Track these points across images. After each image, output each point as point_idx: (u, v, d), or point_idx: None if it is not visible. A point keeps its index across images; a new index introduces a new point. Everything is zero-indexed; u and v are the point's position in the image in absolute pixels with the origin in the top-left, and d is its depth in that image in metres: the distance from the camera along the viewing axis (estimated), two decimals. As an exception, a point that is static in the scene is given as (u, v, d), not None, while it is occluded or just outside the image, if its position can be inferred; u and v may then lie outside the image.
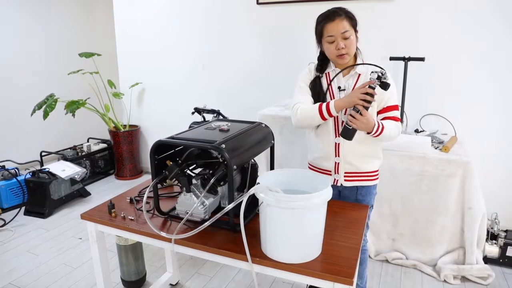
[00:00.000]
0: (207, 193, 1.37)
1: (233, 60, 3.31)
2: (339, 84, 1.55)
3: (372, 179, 1.63)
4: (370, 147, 1.58)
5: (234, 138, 1.32)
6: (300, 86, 1.60)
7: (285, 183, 1.30)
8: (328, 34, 1.47)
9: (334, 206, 1.52)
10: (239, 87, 3.34)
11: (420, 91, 2.65)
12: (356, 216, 1.46)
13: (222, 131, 1.42)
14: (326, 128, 1.58)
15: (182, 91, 3.64)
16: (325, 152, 1.60)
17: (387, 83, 1.38)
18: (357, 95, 1.40)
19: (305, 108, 1.54)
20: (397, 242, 2.36)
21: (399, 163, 2.23)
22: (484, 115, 2.53)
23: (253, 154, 1.40)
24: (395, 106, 1.54)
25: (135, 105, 3.95)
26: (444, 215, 2.19)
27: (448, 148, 2.19)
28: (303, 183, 1.29)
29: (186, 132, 1.44)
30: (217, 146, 1.21)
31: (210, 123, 1.56)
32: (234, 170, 1.25)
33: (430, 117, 2.67)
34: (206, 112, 3.01)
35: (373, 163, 1.62)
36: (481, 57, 2.47)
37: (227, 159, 1.20)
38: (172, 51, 3.58)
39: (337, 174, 1.61)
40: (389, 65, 2.62)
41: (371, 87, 1.39)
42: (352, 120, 1.41)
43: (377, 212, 2.35)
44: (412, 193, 2.24)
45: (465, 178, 2.10)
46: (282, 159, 2.51)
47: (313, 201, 1.08)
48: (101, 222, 1.48)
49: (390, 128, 1.49)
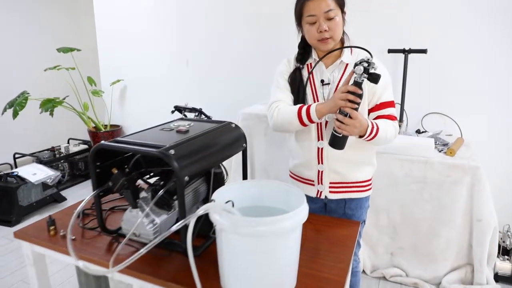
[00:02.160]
0: (159, 208, 1.12)
1: (218, 56, 3.06)
2: (322, 77, 1.29)
3: (363, 190, 1.36)
4: (361, 152, 1.32)
5: (189, 142, 1.07)
6: (277, 81, 1.35)
7: (254, 198, 1.05)
8: (309, 14, 1.21)
9: (317, 222, 1.27)
10: (225, 84, 3.09)
11: (422, 87, 2.39)
12: (343, 236, 1.20)
13: (179, 133, 1.16)
14: (307, 130, 1.32)
15: (166, 88, 3.39)
16: (306, 159, 1.35)
17: (376, 75, 1.10)
18: (340, 97, 1.13)
19: (284, 110, 1.28)
20: (396, 257, 2.10)
21: (398, 168, 1.97)
22: (494, 114, 2.26)
23: (216, 160, 1.14)
24: (391, 102, 1.27)
25: (117, 103, 3.70)
26: (449, 227, 1.93)
27: (454, 151, 1.93)
28: (275, 198, 1.03)
29: (136, 134, 1.19)
30: (163, 152, 0.96)
31: (169, 123, 1.30)
32: (190, 181, 1.00)
33: (433, 116, 2.40)
34: (188, 110, 2.78)
35: (365, 171, 1.36)
36: (490, 49, 2.21)
37: (175, 168, 0.95)
38: (156, 47, 3.33)
39: (321, 184, 1.34)
40: (387, 58, 2.37)
41: (357, 83, 1.12)
42: (340, 126, 1.14)
43: (374, 223, 2.09)
44: (413, 202, 1.98)
45: (474, 185, 1.84)
46: (267, 163, 2.25)
47: (282, 226, 0.82)
48: (36, 242, 1.23)
49: (386, 130, 1.23)
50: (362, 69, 1.10)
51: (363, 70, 1.10)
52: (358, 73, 1.10)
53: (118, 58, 3.56)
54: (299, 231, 0.90)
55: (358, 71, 1.10)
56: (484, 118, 2.29)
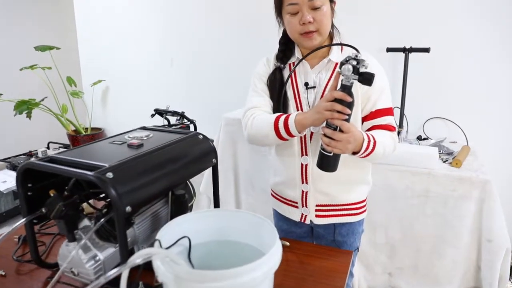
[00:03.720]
0: (103, 241, 0.90)
1: (204, 57, 2.85)
2: (306, 79, 1.08)
3: (356, 213, 1.15)
4: (353, 169, 1.11)
5: (138, 160, 0.85)
6: (254, 83, 1.14)
7: (219, 231, 0.84)
8: (290, 2, 1.00)
9: (301, 251, 1.06)
10: (210, 86, 2.88)
11: (423, 89, 2.18)
12: (331, 269, 0.99)
13: (130, 148, 0.95)
14: (288, 143, 1.11)
15: (151, 89, 3.18)
16: (288, 177, 1.14)
17: (369, 74, 0.87)
18: (325, 107, 0.90)
19: (259, 120, 1.07)
20: (394, 278, 1.89)
21: (398, 181, 1.76)
22: (504, 120, 2.06)
23: (174, 181, 0.93)
24: (388, 109, 1.06)
25: (98, 105, 3.48)
26: (455, 247, 1.72)
27: (460, 162, 1.72)
28: (245, 232, 0.82)
29: (80, 148, 0.98)
30: (98, 177, 0.74)
31: (124, 134, 1.09)
32: (134, 212, 0.79)
33: (436, 121, 2.20)
34: (170, 114, 2.57)
35: (358, 191, 1.15)
36: (501, 48, 2.00)
37: (112, 197, 0.73)
38: (139, 46, 3.12)
39: (305, 207, 1.13)
40: (386, 58, 2.16)
41: (345, 88, 0.89)
42: (330, 143, 0.91)
43: (370, 241, 1.88)
44: (414, 218, 1.78)
45: (483, 201, 1.63)
46: (253, 175, 2.04)
47: (243, 281, 0.61)
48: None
49: (384, 143, 1.01)
50: (351, 69, 0.87)
51: (352, 69, 0.87)
52: (346, 73, 0.88)
53: (100, 58, 3.35)
54: (269, 280, 0.69)
55: (345, 72, 0.87)
56: (492, 124, 2.08)
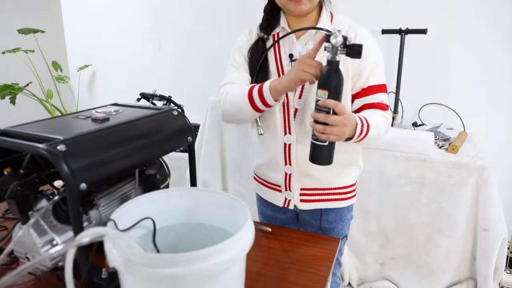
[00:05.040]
0: (62, 223, 0.82)
1: (193, 40, 2.74)
2: (291, 51, 0.98)
3: (344, 198, 1.07)
4: (342, 152, 1.02)
5: (99, 133, 0.76)
6: (233, 57, 1.04)
7: (188, 212, 0.76)
8: None
9: (284, 238, 0.98)
10: (198, 70, 2.77)
11: (420, 73, 2.09)
12: (316, 258, 0.91)
13: (95, 122, 0.86)
14: (270, 121, 1.02)
15: (139, 74, 3.07)
16: (270, 158, 1.05)
17: (357, 46, 0.77)
18: (302, 67, 0.82)
19: (233, 93, 0.97)
20: (387, 268, 1.83)
21: (392, 167, 1.69)
22: (503, 105, 1.97)
23: (141, 159, 0.84)
24: (381, 86, 0.96)
25: (85, 90, 3.37)
26: (450, 237, 1.66)
27: (456, 147, 1.64)
28: (217, 214, 0.74)
29: (39, 122, 0.89)
30: (48, 149, 0.65)
31: (93, 109, 1.00)
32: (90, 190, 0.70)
33: (432, 107, 2.11)
34: (157, 98, 2.47)
35: (348, 174, 1.06)
36: (501, 30, 1.91)
37: (62, 171, 0.65)
38: (126, 30, 3.00)
39: (289, 191, 1.05)
40: (381, 39, 2.06)
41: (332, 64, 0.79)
42: (324, 129, 0.79)
43: (362, 230, 1.81)
44: (408, 206, 1.70)
45: (480, 188, 1.56)
46: (241, 161, 1.96)
47: (205, 266, 0.52)
48: None
49: (378, 126, 0.92)
50: (341, 40, 0.76)
51: (342, 40, 0.76)
52: (336, 45, 0.77)
53: (86, 42, 3.23)
54: (238, 266, 0.61)
55: (335, 42, 0.76)
56: (491, 110, 2.00)
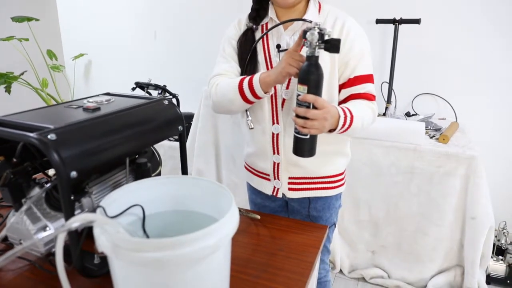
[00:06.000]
0: (55, 210, 0.84)
1: (188, 28, 2.73)
2: (279, 41, 1.00)
3: (332, 186, 1.09)
4: (329, 141, 1.04)
5: (90, 123, 0.78)
6: (223, 48, 1.05)
7: (175, 200, 0.78)
8: None
9: (273, 225, 1.01)
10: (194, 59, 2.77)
11: (413, 63, 2.10)
12: (303, 244, 0.94)
13: (86, 111, 0.88)
14: (259, 111, 1.03)
15: (134, 63, 3.06)
16: (259, 147, 1.07)
17: (336, 40, 0.79)
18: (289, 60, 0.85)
19: (223, 85, 0.99)
20: (377, 256, 1.87)
21: (383, 157, 1.71)
22: (493, 96, 1.99)
23: (132, 148, 0.86)
24: (368, 76, 0.98)
25: (81, 79, 3.37)
26: (439, 225, 1.69)
27: (447, 137, 1.66)
28: (203, 201, 0.76)
29: (31, 112, 0.90)
30: (38, 138, 0.67)
31: (84, 99, 1.01)
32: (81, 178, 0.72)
33: (425, 97, 2.13)
34: (153, 88, 2.48)
35: (335, 163, 1.08)
36: (492, 21, 1.91)
37: (53, 160, 0.66)
38: (122, 18, 2.98)
39: (277, 180, 1.07)
40: (375, 29, 2.07)
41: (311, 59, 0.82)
42: (305, 123, 0.83)
43: (353, 218, 1.84)
44: (398, 196, 1.73)
45: (469, 178, 1.59)
46: (234, 149, 1.98)
47: (188, 251, 0.55)
48: None
49: (363, 116, 0.94)
50: (317, 36, 0.79)
51: (318, 36, 0.79)
52: (313, 40, 0.79)
53: (82, 30, 3.21)
54: (223, 251, 0.63)
55: (311, 38, 0.79)
56: (482, 100, 2.02)
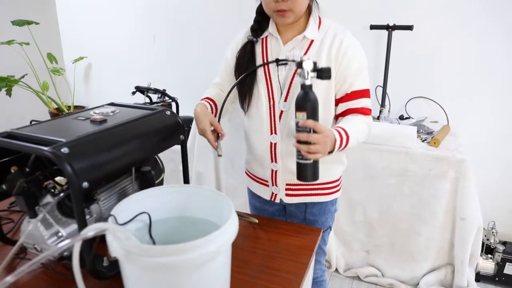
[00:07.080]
0: (66, 217, 0.90)
1: (188, 31, 2.78)
2: (278, 56, 1.04)
3: (328, 192, 1.14)
4: None
5: (98, 135, 0.84)
6: (226, 56, 1.11)
7: (180, 207, 0.84)
8: None
9: (270, 228, 1.06)
10: (193, 63, 2.81)
11: (406, 68, 2.16)
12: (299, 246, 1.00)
13: (93, 123, 0.93)
14: (258, 120, 1.08)
15: (134, 66, 3.10)
16: (259, 155, 1.12)
17: (326, 68, 0.84)
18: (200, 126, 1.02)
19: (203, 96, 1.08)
20: (371, 255, 1.93)
21: (377, 160, 1.77)
22: (486, 99, 2.05)
23: (137, 158, 0.92)
24: (365, 91, 1.02)
25: (81, 82, 3.41)
26: (430, 225, 1.75)
27: (438, 141, 1.73)
28: (205, 208, 0.82)
29: (41, 124, 0.96)
30: (52, 152, 0.73)
31: (90, 110, 1.06)
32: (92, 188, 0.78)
33: (418, 101, 2.19)
34: (152, 92, 2.53)
35: (332, 170, 1.14)
36: (483, 27, 1.98)
37: (67, 172, 0.72)
38: (121, 22, 3.02)
39: (275, 186, 1.13)
40: (369, 35, 2.13)
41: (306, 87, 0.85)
42: (309, 149, 0.84)
43: (349, 219, 1.91)
44: (392, 197, 1.80)
45: (458, 180, 1.65)
46: (233, 155, 2.03)
47: (193, 256, 0.61)
48: None
49: (358, 134, 0.98)
50: (312, 65, 0.83)
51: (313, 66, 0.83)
52: (307, 69, 0.83)
53: (81, 34, 3.25)
54: (224, 255, 0.69)
55: (307, 67, 0.83)
56: (473, 104, 2.08)
